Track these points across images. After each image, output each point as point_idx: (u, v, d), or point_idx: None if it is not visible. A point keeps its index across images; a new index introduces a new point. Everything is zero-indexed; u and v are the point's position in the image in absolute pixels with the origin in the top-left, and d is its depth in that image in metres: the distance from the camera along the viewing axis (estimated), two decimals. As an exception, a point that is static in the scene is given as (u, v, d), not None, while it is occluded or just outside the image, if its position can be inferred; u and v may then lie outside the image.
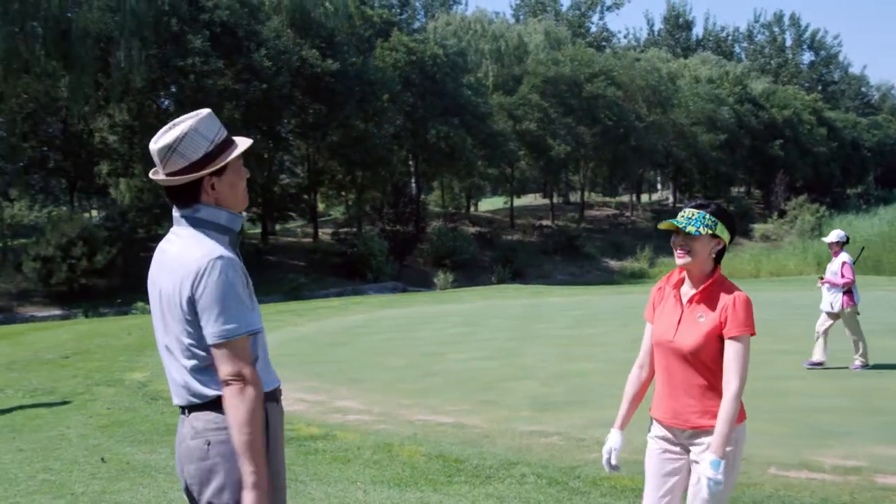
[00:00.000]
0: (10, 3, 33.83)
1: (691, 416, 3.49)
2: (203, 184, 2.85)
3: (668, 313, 3.60)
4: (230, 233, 2.90)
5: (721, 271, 3.58)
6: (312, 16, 42.39)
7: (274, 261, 40.65)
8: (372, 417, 8.86)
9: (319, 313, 20.13)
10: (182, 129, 2.83)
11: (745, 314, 3.42)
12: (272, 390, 2.92)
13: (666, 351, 3.55)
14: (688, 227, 3.47)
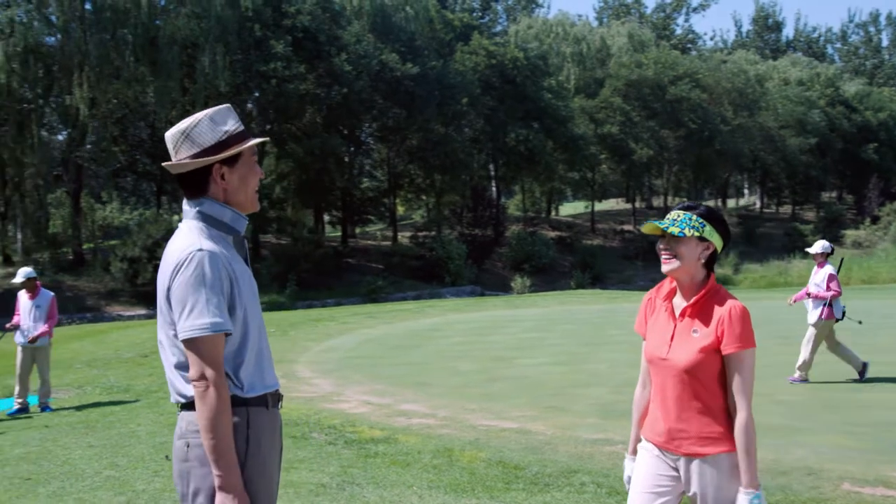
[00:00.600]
0: (102, 11, 34.95)
1: (685, 441, 3.16)
2: (213, 173, 2.78)
3: (661, 328, 3.28)
4: (234, 232, 2.82)
5: (715, 279, 3.25)
6: (393, 20, 42.74)
7: (353, 263, 40.98)
8: (436, 421, 8.76)
9: (393, 316, 20.15)
10: (197, 117, 2.81)
11: (743, 327, 3.08)
12: (261, 395, 2.78)
13: (659, 368, 3.23)
14: (671, 229, 3.15)
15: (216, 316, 2.60)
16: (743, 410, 3.06)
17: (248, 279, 2.82)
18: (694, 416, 3.14)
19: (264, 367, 2.84)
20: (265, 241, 41.44)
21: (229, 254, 2.76)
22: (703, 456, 3.13)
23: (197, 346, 2.59)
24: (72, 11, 35.37)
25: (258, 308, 2.87)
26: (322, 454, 7.54)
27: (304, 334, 17.50)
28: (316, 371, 12.68)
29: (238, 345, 2.73)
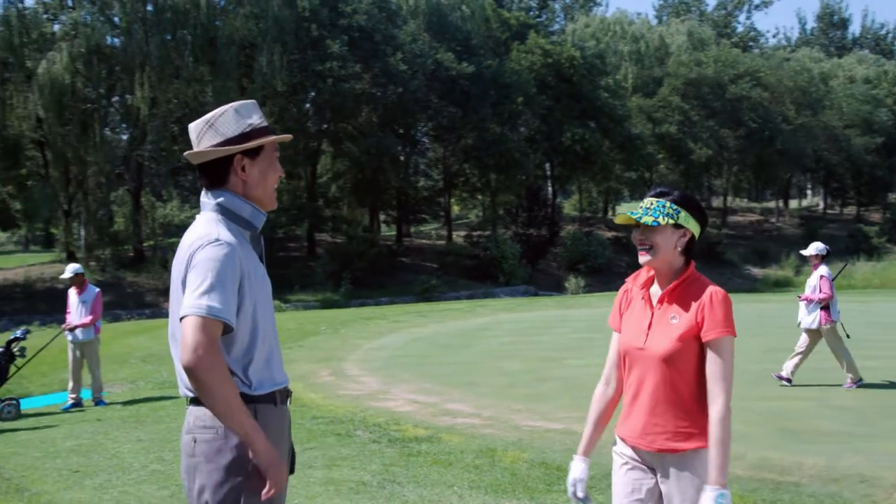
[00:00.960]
0: (163, 12, 35.56)
1: (658, 436, 2.98)
2: (234, 163, 2.77)
3: (637, 317, 3.11)
4: (251, 228, 2.81)
5: (694, 267, 3.08)
6: (449, 19, 42.73)
7: (407, 262, 41.08)
8: (480, 421, 8.70)
9: (444, 315, 20.13)
10: (222, 109, 2.85)
11: (724, 313, 2.91)
12: (269, 392, 2.76)
13: (636, 359, 3.05)
14: (644, 218, 2.98)
15: (217, 302, 2.55)
16: (719, 400, 2.87)
17: (262, 276, 2.80)
18: (670, 409, 2.97)
19: (274, 364, 2.82)
20: (321, 239, 41.75)
21: (245, 249, 2.74)
22: (677, 452, 2.96)
23: (194, 326, 2.52)
24: (134, 13, 36.04)
25: (270, 306, 2.85)
26: (365, 452, 7.53)
27: (355, 332, 17.57)
28: (364, 369, 12.70)
29: (248, 342, 2.70)
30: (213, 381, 2.51)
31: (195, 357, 2.49)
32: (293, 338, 17.03)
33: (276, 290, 15.26)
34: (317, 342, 16.17)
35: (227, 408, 2.53)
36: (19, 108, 36.13)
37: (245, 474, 2.64)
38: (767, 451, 6.98)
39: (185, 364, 2.51)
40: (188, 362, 2.49)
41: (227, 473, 2.63)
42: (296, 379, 12.06)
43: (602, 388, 3.29)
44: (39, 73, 34.35)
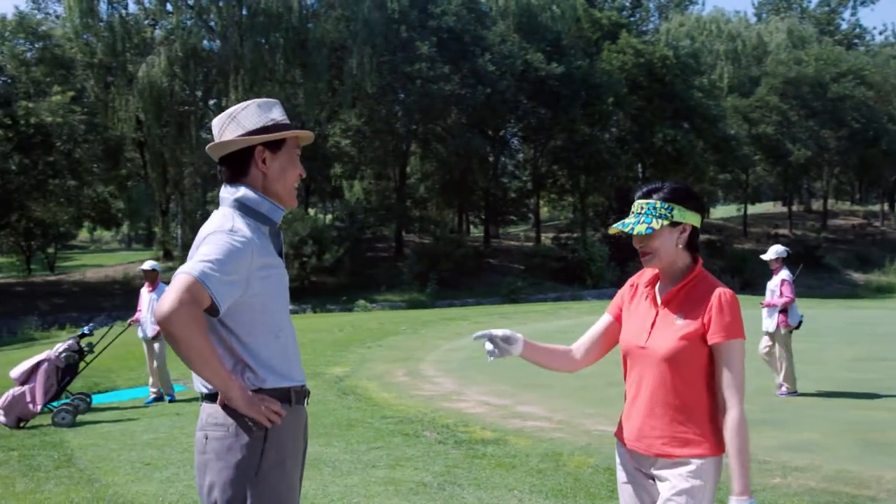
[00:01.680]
0: (256, 16, 36.35)
1: (656, 440, 2.82)
2: (255, 155, 2.76)
3: (641, 315, 2.96)
4: (269, 223, 2.77)
5: (701, 264, 2.90)
6: (539, 19, 42.46)
7: (494, 264, 41.00)
8: (550, 425, 8.57)
9: (527, 317, 19.98)
10: (245, 103, 2.83)
11: (732, 315, 2.76)
12: (283, 388, 2.70)
13: (637, 359, 2.91)
14: (636, 228, 2.81)
15: (212, 272, 2.49)
16: (734, 408, 2.72)
17: (280, 273, 2.77)
18: (668, 412, 2.80)
19: (290, 361, 2.77)
20: (408, 239, 42.01)
21: (262, 243, 2.70)
22: (673, 458, 2.78)
23: (178, 282, 2.47)
24: (230, 17, 36.95)
25: (286, 302, 2.81)
26: (430, 453, 7.49)
27: (435, 333, 17.58)
28: (440, 370, 12.68)
29: (260, 336, 2.67)
30: (185, 334, 2.44)
31: (172, 309, 2.42)
32: (373, 337, 17.12)
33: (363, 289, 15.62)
34: (396, 342, 16.21)
35: (201, 357, 2.48)
36: (121, 110, 37.47)
37: (254, 473, 2.61)
38: (845, 462, 6.67)
39: (158, 315, 2.44)
40: (162, 313, 2.42)
41: (236, 472, 2.60)
42: (371, 378, 12.12)
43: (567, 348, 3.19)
44: (139, 76, 35.54)
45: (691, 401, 2.78)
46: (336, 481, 6.60)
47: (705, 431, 2.76)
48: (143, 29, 40.18)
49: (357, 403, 10.24)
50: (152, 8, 40.80)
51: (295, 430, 2.75)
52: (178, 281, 2.47)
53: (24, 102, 32.64)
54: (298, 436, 2.79)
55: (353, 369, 13.03)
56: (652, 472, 2.87)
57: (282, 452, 2.66)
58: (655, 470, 2.85)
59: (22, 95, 33.94)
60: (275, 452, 2.64)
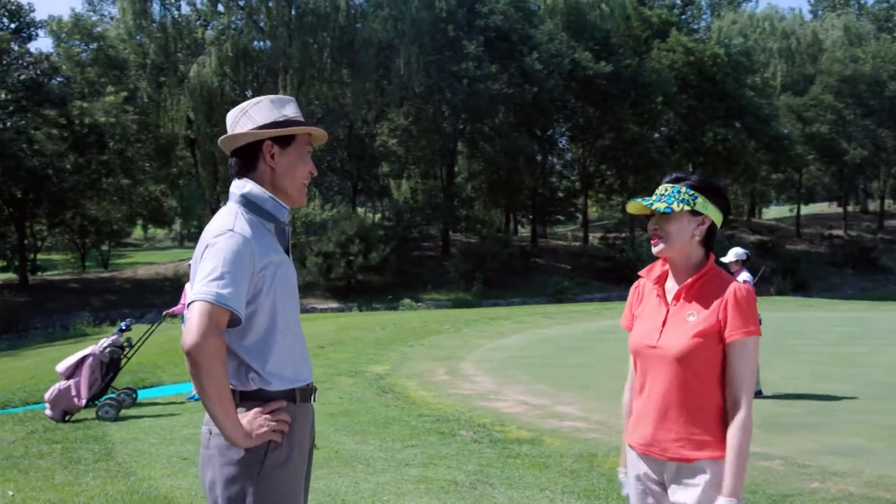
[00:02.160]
0: (304, 16, 36.65)
1: (670, 444, 2.70)
2: (263, 149, 2.75)
3: (651, 314, 2.82)
4: (274, 220, 2.75)
5: (714, 260, 2.78)
6: (588, 18, 42.20)
7: (541, 263, 40.84)
8: (587, 425, 8.49)
9: (571, 317, 19.85)
10: (258, 98, 2.83)
11: (748, 311, 2.63)
12: (288, 389, 2.68)
13: (647, 359, 2.78)
14: (656, 205, 2.72)
15: (224, 290, 2.51)
16: (744, 408, 2.61)
17: (286, 270, 2.74)
18: (682, 414, 2.69)
19: (296, 360, 2.75)
20: (455, 239, 42.03)
21: (266, 241, 2.69)
22: (689, 462, 2.67)
23: (200, 311, 2.48)
24: (279, 17, 37.31)
25: (294, 300, 2.79)
26: (464, 452, 7.45)
27: (478, 332, 17.53)
28: (480, 369, 12.64)
29: (265, 334, 2.65)
30: (211, 367, 2.47)
31: (198, 340, 2.45)
32: (415, 336, 17.13)
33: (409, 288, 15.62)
34: (438, 341, 16.21)
35: (218, 395, 2.49)
36: (172, 110, 38.05)
37: (257, 472, 2.59)
38: (888, 468, 6.50)
39: (186, 346, 2.47)
40: (189, 345, 2.46)
41: (238, 468, 2.59)
42: (411, 377, 12.12)
43: (628, 396, 3.02)
44: (190, 76, 36.07)
45: (706, 401, 2.68)
46: (368, 479, 6.60)
47: (722, 433, 2.65)
48: (194, 29, 40.74)
49: (395, 402, 10.24)
50: (204, 9, 41.37)
51: (300, 429, 2.72)
52: (196, 309, 2.49)
53: (79, 102, 33.29)
54: (304, 434, 2.75)
55: (393, 367, 13.04)
56: (664, 478, 2.77)
57: (285, 451, 2.64)
58: (669, 477, 2.75)
59: (77, 96, 34.61)
60: (278, 451, 2.62)
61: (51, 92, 33.63)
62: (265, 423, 2.58)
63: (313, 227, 45.02)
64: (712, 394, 2.68)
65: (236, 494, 2.59)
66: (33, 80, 33.04)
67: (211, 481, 2.63)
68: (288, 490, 2.65)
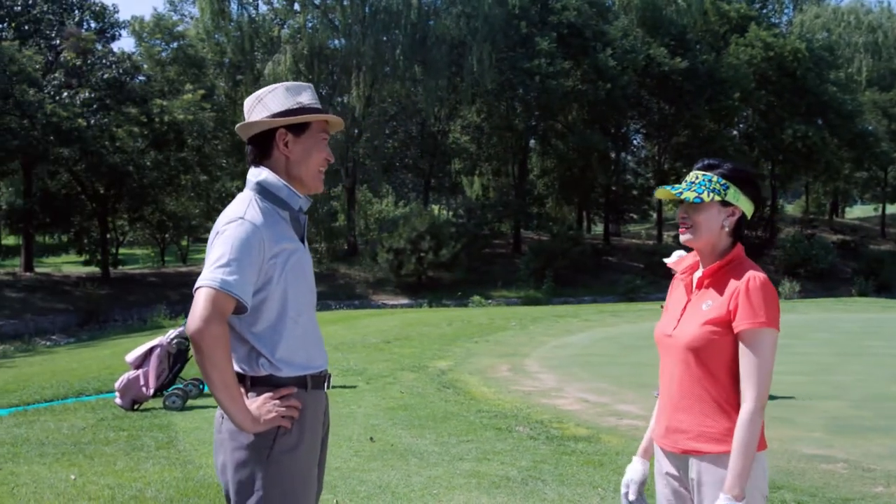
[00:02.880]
0: (377, 14, 36.92)
1: (682, 436, 2.65)
2: (276, 138, 2.76)
3: (675, 302, 2.79)
4: (289, 208, 2.76)
5: (742, 250, 2.69)
6: (664, 13, 41.58)
7: (613, 262, 40.44)
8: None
9: (639, 315, 19.60)
10: (274, 86, 2.84)
11: (762, 301, 2.52)
12: (299, 376, 2.70)
13: (665, 349, 2.73)
14: (686, 194, 2.64)
15: (230, 276, 2.54)
16: (749, 401, 2.51)
17: (300, 257, 2.76)
18: (696, 405, 2.62)
19: (309, 347, 2.76)
20: (526, 236, 41.88)
21: (279, 229, 2.71)
22: (701, 455, 2.61)
23: (205, 297, 2.52)
24: (353, 15, 37.65)
25: (308, 287, 2.80)
26: (519, 448, 7.42)
27: (543, 329, 17.43)
28: (544, 366, 12.57)
29: (275, 321, 2.67)
30: (214, 353, 2.50)
31: (200, 326, 2.49)
32: (481, 332, 17.11)
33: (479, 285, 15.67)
34: (503, 338, 16.16)
35: (223, 381, 2.52)
36: (249, 108, 38.67)
37: (265, 457, 2.61)
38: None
39: (190, 332, 2.51)
40: (194, 331, 2.49)
41: (248, 453, 2.61)
42: (473, 373, 12.11)
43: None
44: (265, 74, 36.64)
45: (720, 394, 2.61)
46: (421, 472, 6.61)
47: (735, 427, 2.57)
48: (270, 28, 41.40)
49: (455, 397, 10.25)
50: (280, 8, 42.00)
51: (311, 416, 2.73)
52: (201, 295, 2.52)
53: (159, 101, 34.09)
54: (315, 421, 2.76)
55: (456, 363, 13.05)
56: (679, 473, 2.72)
57: (295, 437, 2.65)
58: (685, 468, 2.69)
59: (157, 94, 35.47)
60: (288, 437, 2.64)
61: (132, 90, 34.51)
62: (273, 409, 2.60)
63: (386, 224, 45.43)
64: (725, 386, 2.61)
65: (246, 478, 2.61)
66: (116, 79, 33.95)
67: (223, 465, 2.68)
68: (297, 475, 2.66)
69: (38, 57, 33.16)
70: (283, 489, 2.63)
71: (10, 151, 31.83)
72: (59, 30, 36.15)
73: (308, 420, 2.71)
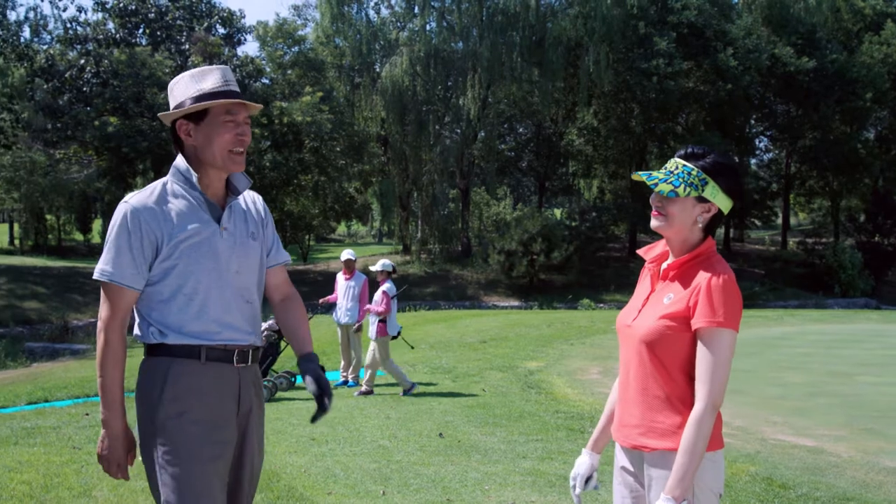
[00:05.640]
0: (494, 16, 36.96)
1: (633, 430, 2.57)
2: (177, 128, 2.83)
3: (640, 292, 2.71)
4: (198, 190, 2.83)
5: (714, 244, 2.56)
6: (791, 11, 40.04)
7: (733, 268, 38.78)
8: (725, 430, 7.99)
9: (747, 322, 18.90)
10: (182, 74, 2.88)
11: (723, 300, 2.43)
12: (190, 345, 2.77)
13: (623, 339, 2.65)
14: (660, 186, 2.52)
15: (111, 266, 2.73)
16: (700, 401, 2.41)
17: (207, 237, 2.80)
18: (647, 399, 2.53)
19: (207, 321, 2.79)
20: (641, 240, 41.10)
21: (187, 210, 2.79)
22: (650, 451, 2.51)
23: (101, 289, 2.76)
24: (471, 17, 37.81)
25: (214, 266, 2.82)
26: (587, 449, 7.26)
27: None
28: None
29: (167, 297, 2.77)
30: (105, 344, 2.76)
31: (99, 319, 2.77)
32: (579, 335, 16.90)
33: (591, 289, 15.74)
34: (601, 340, 15.90)
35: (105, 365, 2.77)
36: (366, 109, 39.40)
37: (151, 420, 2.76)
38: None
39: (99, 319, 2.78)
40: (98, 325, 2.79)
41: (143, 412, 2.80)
42: (562, 374, 11.96)
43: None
44: (383, 76, 37.19)
45: (672, 390, 2.51)
46: (479, 468, 6.57)
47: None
48: (388, 31, 42.00)
49: (537, 397, 10.14)
50: (400, 11, 42.58)
51: (205, 387, 2.78)
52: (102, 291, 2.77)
53: (279, 103, 35.05)
54: (212, 394, 2.79)
55: (547, 364, 12.91)
56: (634, 468, 2.65)
57: (180, 406, 2.73)
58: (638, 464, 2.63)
59: (278, 96, 36.48)
60: (171, 404, 2.73)
61: (255, 93, 35.59)
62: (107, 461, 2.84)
63: (502, 227, 45.43)
64: (679, 383, 2.51)
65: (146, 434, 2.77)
66: (239, 82, 35.03)
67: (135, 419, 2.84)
68: (184, 444, 2.72)
69: (168, 61, 34.65)
70: (172, 453, 2.71)
71: (140, 152, 33.38)
72: (188, 35, 37.64)
73: (202, 391, 2.76)
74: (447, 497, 5.74)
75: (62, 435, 8.02)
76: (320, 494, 5.77)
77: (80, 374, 14.00)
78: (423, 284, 37.10)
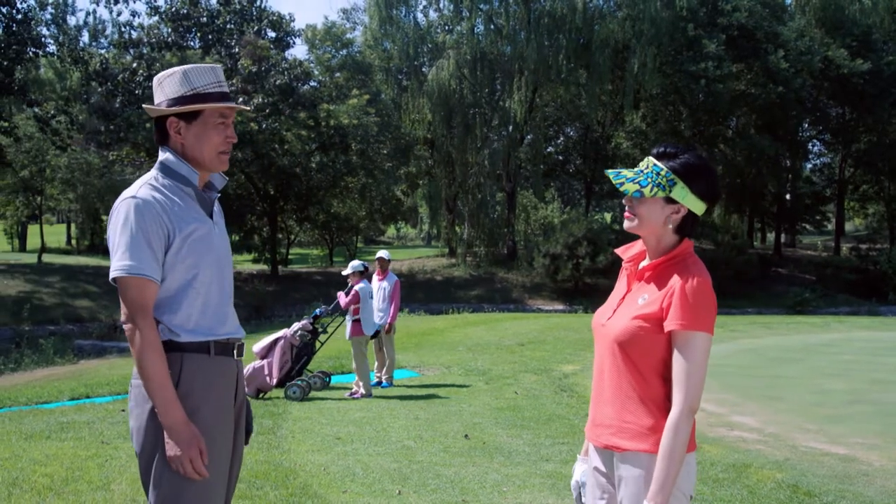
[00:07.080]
0: (541, 18, 36.82)
1: (604, 430, 2.54)
2: (168, 125, 2.83)
3: (616, 292, 2.67)
4: (191, 185, 2.83)
5: (691, 246, 2.51)
6: (846, 12, 39.28)
7: (783, 273, 38.59)
8: (755, 437, 7.93)
9: (791, 328, 18.61)
10: (174, 69, 2.87)
11: (696, 303, 2.37)
12: (200, 342, 2.76)
13: (598, 338, 2.62)
14: (626, 185, 2.49)
15: (131, 259, 2.65)
16: (677, 405, 2.37)
17: (206, 232, 2.82)
18: (619, 399, 2.50)
19: (211, 316, 2.81)
20: (693, 245, 40.66)
21: (184, 204, 2.79)
22: (622, 451, 2.48)
23: (120, 287, 2.67)
24: (518, 20, 37.73)
25: (214, 260, 2.84)
26: (613, 453, 7.19)
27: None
28: (672, 374, 12.13)
29: (175, 292, 2.75)
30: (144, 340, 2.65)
31: (125, 319, 2.68)
32: (618, 338, 16.70)
33: None
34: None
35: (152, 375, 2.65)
36: (413, 112, 39.52)
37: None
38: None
39: (124, 324, 2.69)
40: (123, 321, 2.69)
41: (150, 418, 2.69)
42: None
43: None
44: (429, 79, 37.26)
45: (644, 391, 2.49)
46: (500, 470, 6.54)
47: (659, 426, 2.44)
48: (435, 34, 42.08)
49: (568, 400, 10.07)
50: (448, 14, 42.64)
51: (216, 381, 2.78)
52: (119, 290, 2.69)
53: (326, 105, 35.31)
54: (221, 387, 2.80)
55: (583, 368, 12.80)
56: (606, 469, 2.61)
57: (194, 401, 2.70)
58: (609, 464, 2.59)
59: (325, 98, 36.73)
60: (189, 400, 2.69)
61: (302, 95, 35.90)
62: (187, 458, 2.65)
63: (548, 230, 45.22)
64: (651, 385, 2.48)
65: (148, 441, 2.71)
66: (287, 85, 35.41)
67: (131, 431, 2.78)
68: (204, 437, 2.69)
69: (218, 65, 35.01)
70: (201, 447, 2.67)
71: (189, 153, 33.81)
72: (238, 39, 38.10)
73: (209, 384, 2.76)
74: (463, 498, 5.72)
75: (94, 430, 8.16)
76: (335, 493, 5.79)
77: (124, 372, 14.24)
78: (468, 287, 37.09)
